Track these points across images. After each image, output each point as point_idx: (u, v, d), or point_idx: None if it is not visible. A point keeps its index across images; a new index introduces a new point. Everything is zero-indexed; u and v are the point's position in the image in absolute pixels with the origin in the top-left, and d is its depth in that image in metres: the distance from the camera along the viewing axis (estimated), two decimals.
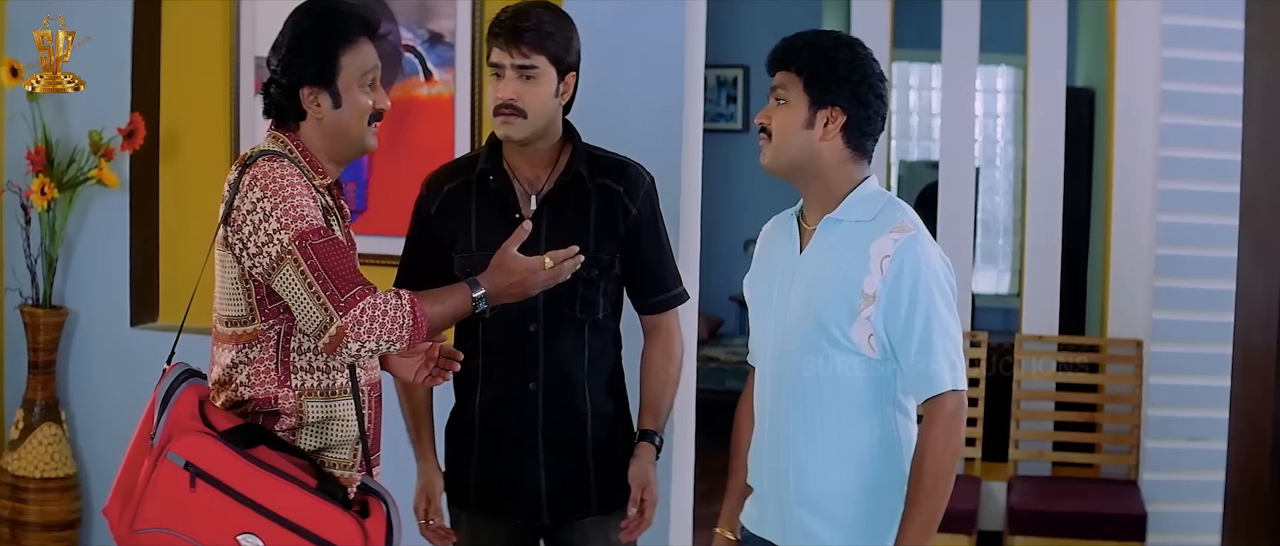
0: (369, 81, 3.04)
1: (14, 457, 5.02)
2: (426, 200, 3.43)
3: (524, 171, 3.38)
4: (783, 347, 3.00)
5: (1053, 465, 6.15)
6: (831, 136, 2.94)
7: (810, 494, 2.97)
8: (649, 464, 3.44)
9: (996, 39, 6.49)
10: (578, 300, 3.35)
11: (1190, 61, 5.64)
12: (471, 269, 3.30)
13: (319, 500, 2.83)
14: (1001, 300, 8.72)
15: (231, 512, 2.78)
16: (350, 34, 3.01)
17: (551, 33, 3.28)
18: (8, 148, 5.13)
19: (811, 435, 2.96)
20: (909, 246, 2.89)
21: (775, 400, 3.02)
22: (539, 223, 3.34)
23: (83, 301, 5.13)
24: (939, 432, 2.87)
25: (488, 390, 3.41)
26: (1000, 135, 9.22)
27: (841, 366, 2.93)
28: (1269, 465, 3.41)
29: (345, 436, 3.02)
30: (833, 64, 2.94)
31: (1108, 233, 6.16)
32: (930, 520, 2.87)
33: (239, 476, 2.80)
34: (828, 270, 2.94)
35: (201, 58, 5.07)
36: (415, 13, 4.84)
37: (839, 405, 2.94)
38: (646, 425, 3.47)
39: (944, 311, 2.89)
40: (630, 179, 3.43)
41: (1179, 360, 5.70)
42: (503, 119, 3.29)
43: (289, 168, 2.95)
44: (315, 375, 2.99)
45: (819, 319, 2.92)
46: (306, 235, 2.87)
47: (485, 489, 3.44)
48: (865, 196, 2.97)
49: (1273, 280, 3.44)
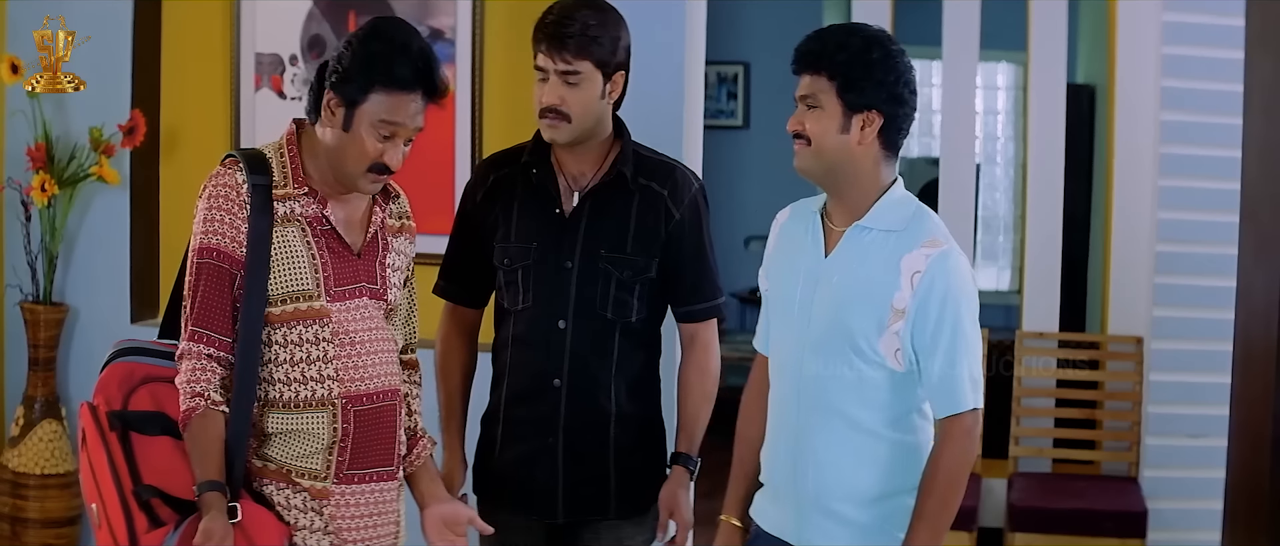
0: (387, 132, 2.96)
1: (14, 454, 5.02)
2: (474, 186, 3.44)
3: (570, 167, 3.37)
4: (806, 351, 2.97)
5: (1053, 462, 6.14)
6: (868, 140, 2.90)
7: (828, 496, 2.96)
8: (679, 487, 3.38)
9: (997, 36, 6.48)
10: (610, 301, 3.33)
11: (1191, 58, 5.63)
12: (508, 259, 3.31)
13: (117, 495, 2.94)
14: (1002, 297, 8.71)
15: (89, 481, 3.01)
16: (391, 81, 2.93)
17: (596, 36, 3.25)
18: (8, 144, 5.13)
19: (832, 439, 2.95)
20: (941, 263, 2.88)
21: (796, 400, 3.00)
22: (578, 219, 3.33)
23: (83, 298, 5.14)
24: (955, 447, 2.87)
25: (512, 382, 3.41)
26: (1000, 132, 9.22)
27: (866, 375, 2.91)
28: (1269, 462, 3.41)
29: (314, 447, 3.01)
30: (868, 68, 2.87)
31: (1108, 229, 6.15)
32: (937, 532, 2.88)
33: (94, 452, 2.98)
34: (856, 282, 2.91)
35: (202, 54, 5.07)
36: (416, 9, 4.84)
37: (862, 412, 2.93)
38: (681, 448, 3.43)
39: (969, 329, 2.89)
40: (676, 182, 3.38)
41: (1179, 357, 5.69)
42: (547, 122, 3.28)
43: (228, 178, 2.99)
44: (277, 387, 3.00)
45: (847, 330, 2.90)
46: (201, 251, 2.97)
47: (505, 482, 3.43)
48: (894, 203, 2.94)
49: (1273, 277, 3.43)
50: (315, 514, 3.03)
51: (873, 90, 2.87)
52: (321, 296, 3.00)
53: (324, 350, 2.99)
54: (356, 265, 3.06)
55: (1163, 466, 5.75)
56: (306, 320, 2.99)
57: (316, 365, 2.99)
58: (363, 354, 3.04)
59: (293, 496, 3.02)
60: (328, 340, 3.00)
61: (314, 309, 2.99)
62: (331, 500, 3.03)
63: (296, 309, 2.99)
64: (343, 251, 3.05)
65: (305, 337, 2.99)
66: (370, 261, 3.09)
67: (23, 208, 5.01)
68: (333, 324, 3.00)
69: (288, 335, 2.99)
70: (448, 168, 4.82)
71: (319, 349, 2.99)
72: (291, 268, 2.99)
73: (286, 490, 3.02)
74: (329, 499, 3.03)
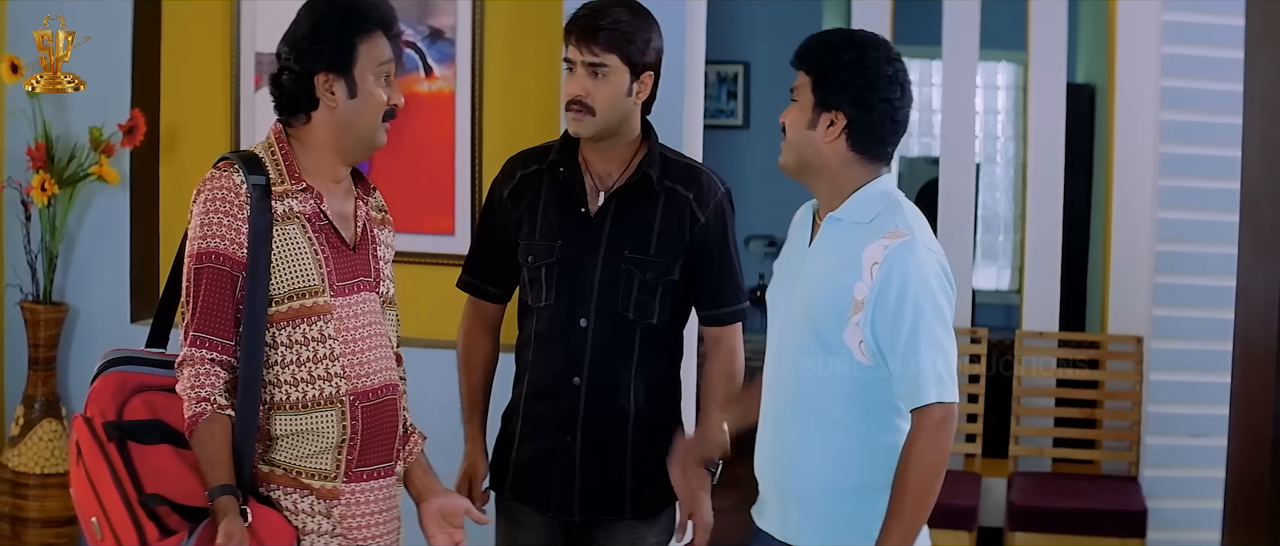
0: (384, 74, 3.02)
1: (14, 454, 5.02)
2: (501, 183, 3.45)
3: (596, 167, 3.38)
4: (783, 343, 2.99)
5: (1053, 461, 6.14)
6: (833, 139, 2.91)
7: (802, 490, 2.96)
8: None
9: (997, 35, 6.48)
10: (632, 302, 3.33)
11: (1190, 57, 5.63)
12: (532, 256, 3.31)
13: (123, 505, 2.89)
14: (1002, 297, 8.71)
15: (88, 494, 2.94)
16: (368, 24, 2.99)
17: (627, 32, 3.27)
18: (8, 144, 5.13)
19: (805, 433, 2.95)
20: (899, 253, 2.84)
21: (774, 393, 3.02)
22: (603, 219, 3.34)
23: (83, 297, 5.13)
24: (923, 443, 2.82)
25: (533, 378, 3.41)
26: (1001, 131, 9.22)
27: (835, 368, 2.90)
28: (1269, 462, 3.41)
29: (323, 447, 3.00)
30: (837, 67, 2.89)
31: (1108, 229, 6.16)
32: (910, 529, 2.83)
33: (94, 465, 2.92)
34: (823, 272, 2.92)
35: (202, 53, 5.07)
36: (416, 8, 4.84)
37: (831, 406, 2.92)
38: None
39: (933, 322, 2.84)
40: (702, 186, 3.39)
41: (1179, 357, 5.69)
42: (572, 115, 3.30)
43: (226, 179, 2.97)
44: (283, 388, 2.98)
45: (813, 321, 2.90)
46: (200, 255, 2.95)
47: (522, 477, 3.43)
48: (868, 198, 2.94)
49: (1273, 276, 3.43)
50: (324, 517, 3.01)
51: (839, 91, 2.89)
52: (326, 291, 2.99)
53: (330, 347, 2.99)
54: (354, 259, 3.06)
55: (1163, 466, 5.75)
56: (310, 317, 2.98)
57: (324, 363, 2.98)
58: (366, 349, 3.04)
59: (300, 500, 3.00)
60: (332, 337, 2.99)
61: (318, 305, 2.98)
62: (341, 499, 3.02)
63: (302, 305, 2.97)
64: (341, 246, 3.05)
65: (310, 336, 2.98)
66: (365, 254, 3.09)
67: (23, 207, 5.01)
68: (336, 319, 3.00)
69: (292, 335, 2.97)
70: (447, 167, 4.81)
71: (325, 346, 2.98)
72: (296, 264, 2.98)
73: (294, 494, 3.00)
74: (339, 498, 3.02)
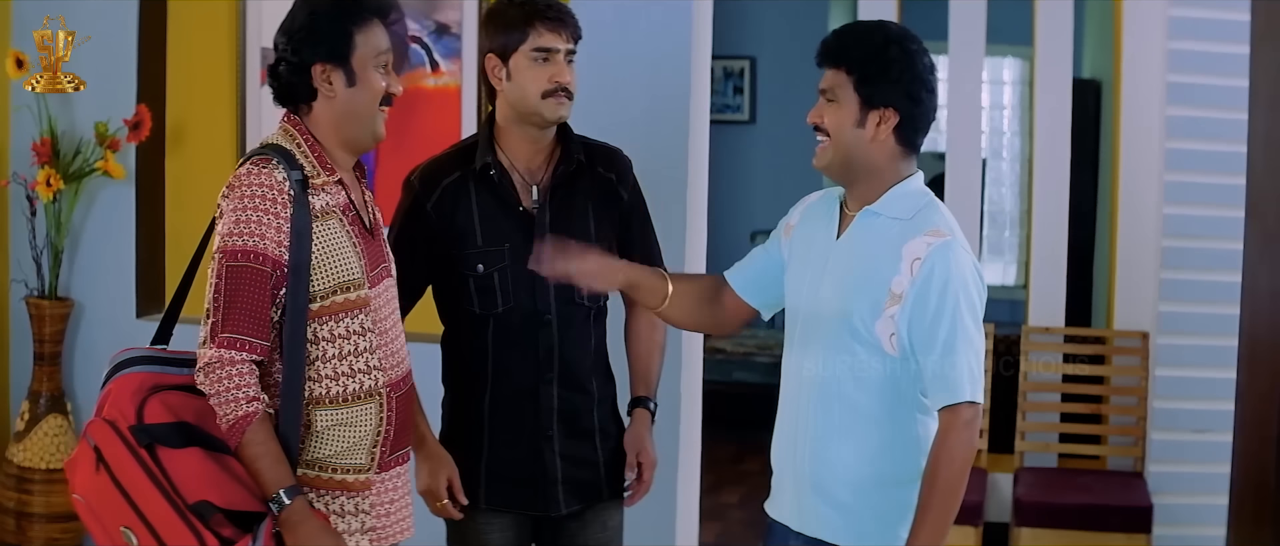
0: (382, 63, 3.01)
1: (20, 449, 5.03)
2: (422, 197, 3.36)
3: (522, 161, 3.38)
4: (808, 333, 3.00)
5: (1059, 457, 6.14)
6: (883, 136, 2.92)
7: (824, 481, 2.97)
8: (644, 429, 3.47)
9: (1003, 30, 6.48)
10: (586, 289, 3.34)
11: (1196, 53, 5.62)
12: (482, 264, 3.31)
13: (175, 515, 2.77)
14: (1008, 292, 8.70)
15: (118, 502, 2.81)
16: (365, 13, 2.99)
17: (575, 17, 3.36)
18: (14, 139, 5.13)
19: (829, 424, 2.96)
20: (942, 252, 2.88)
21: (797, 383, 3.02)
22: (543, 213, 3.35)
23: (88, 293, 5.14)
24: (955, 439, 2.85)
25: (500, 386, 3.39)
26: (1007, 127, 9.21)
27: (862, 358, 2.92)
28: (1274, 457, 3.41)
29: (360, 440, 2.99)
30: (885, 64, 2.89)
31: (1114, 225, 6.15)
32: (942, 524, 2.86)
33: (125, 472, 2.81)
34: (858, 263, 2.93)
35: (207, 49, 5.07)
36: (422, 4, 4.84)
37: (856, 397, 2.93)
38: (640, 392, 3.50)
39: (969, 322, 2.88)
40: (619, 165, 3.47)
41: (1185, 352, 5.69)
42: (557, 100, 3.31)
43: (267, 177, 2.89)
44: (323, 383, 2.95)
45: (845, 311, 2.91)
46: (232, 253, 2.86)
47: (498, 484, 3.41)
48: (906, 193, 2.96)
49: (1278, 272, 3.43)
50: (353, 515, 3.00)
51: (888, 88, 2.89)
52: (365, 284, 2.98)
53: (368, 340, 2.97)
54: (377, 246, 3.07)
55: (1168, 461, 5.75)
56: (352, 311, 2.95)
57: (363, 356, 2.97)
58: (393, 338, 3.06)
59: (332, 502, 2.98)
60: (370, 329, 2.97)
61: (360, 298, 2.96)
62: (373, 489, 3.02)
63: (346, 299, 2.94)
64: (366, 235, 3.04)
65: (352, 330, 2.95)
66: (381, 241, 3.10)
67: (28, 202, 5.01)
68: (372, 310, 2.98)
69: (334, 329, 2.94)
70: None
71: (364, 340, 2.96)
72: (339, 258, 2.94)
73: (326, 497, 2.98)
74: (371, 489, 3.01)
